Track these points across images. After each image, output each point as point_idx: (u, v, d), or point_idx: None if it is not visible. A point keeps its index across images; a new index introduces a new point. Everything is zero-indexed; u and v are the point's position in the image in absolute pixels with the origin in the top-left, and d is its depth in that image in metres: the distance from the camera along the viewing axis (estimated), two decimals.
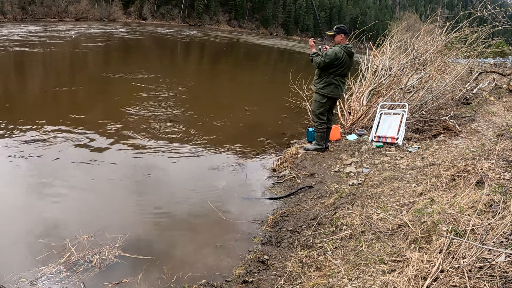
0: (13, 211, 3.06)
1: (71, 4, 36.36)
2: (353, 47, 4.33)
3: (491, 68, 11.51)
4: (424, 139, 4.92)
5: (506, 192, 2.17)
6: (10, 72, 9.57)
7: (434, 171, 3.21)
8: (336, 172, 3.99)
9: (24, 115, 5.45)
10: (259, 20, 65.50)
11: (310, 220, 3.01)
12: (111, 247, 2.60)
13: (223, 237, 2.91)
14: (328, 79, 4.28)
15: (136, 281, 2.31)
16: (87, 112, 5.99)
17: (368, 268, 2.03)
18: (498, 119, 5.68)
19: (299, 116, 6.92)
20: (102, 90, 8.01)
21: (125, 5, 46.03)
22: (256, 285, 2.26)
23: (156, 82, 8.90)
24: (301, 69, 9.64)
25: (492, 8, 4.03)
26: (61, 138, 4.66)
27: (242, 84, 11.91)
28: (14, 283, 2.22)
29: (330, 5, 73.02)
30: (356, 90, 6.39)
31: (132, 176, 3.89)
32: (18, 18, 29.37)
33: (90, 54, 14.35)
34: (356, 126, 5.65)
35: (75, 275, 2.33)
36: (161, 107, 6.65)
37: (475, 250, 1.69)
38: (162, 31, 33.75)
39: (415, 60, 5.94)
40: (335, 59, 4.14)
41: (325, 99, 4.37)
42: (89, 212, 3.12)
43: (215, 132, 5.68)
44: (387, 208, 2.72)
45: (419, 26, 13.75)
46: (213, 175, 4.14)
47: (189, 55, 20.80)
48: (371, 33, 6.95)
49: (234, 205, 3.48)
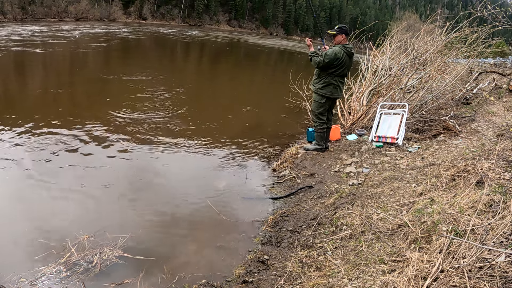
0: (13, 211, 3.06)
1: (71, 4, 36.36)
2: (353, 48, 4.33)
3: (491, 68, 11.51)
4: (424, 139, 4.92)
5: (506, 192, 2.17)
6: (9, 72, 9.57)
7: (434, 171, 3.21)
8: (336, 172, 3.99)
9: (25, 113, 5.45)
10: (259, 20, 65.49)
11: (310, 220, 3.01)
12: (112, 248, 2.61)
13: (223, 237, 2.91)
14: (328, 80, 4.27)
15: (136, 281, 2.32)
16: (87, 109, 5.99)
17: (368, 268, 2.03)
18: (498, 119, 5.68)
19: (299, 116, 6.92)
20: (107, 89, 8.01)
21: (125, 5, 46.02)
22: (256, 285, 2.27)
23: (159, 82, 8.90)
24: (301, 69, 9.64)
25: (492, 8, 4.03)
26: (61, 138, 4.66)
27: (242, 84, 11.91)
28: (14, 283, 2.22)
29: (330, 5, 73.01)
30: (356, 90, 6.39)
31: (132, 177, 3.89)
32: (18, 18, 29.37)
33: (93, 54, 14.36)
34: (356, 126, 5.65)
35: (75, 275, 2.33)
36: (162, 107, 6.65)
37: (475, 250, 1.70)
38: (164, 31, 33.81)
39: (415, 60, 5.94)
40: (335, 59, 4.13)
41: (324, 99, 4.36)
42: (90, 212, 3.12)
43: (215, 132, 5.68)
44: (387, 208, 2.72)
45: (419, 26, 13.75)
46: (213, 175, 4.14)
47: (192, 55, 20.81)
48: (371, 33, 6.95)
49: (234, 205, 3.48)
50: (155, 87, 8.20)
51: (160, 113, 6.26)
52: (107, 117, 5.68)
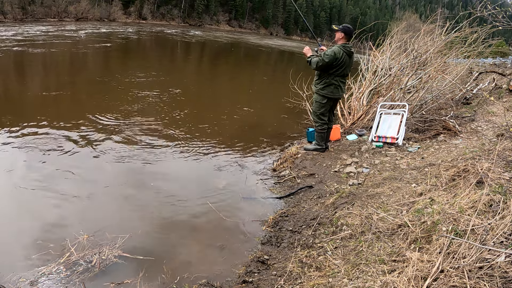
0: (12, 211, 3.06)
1: (71, 4, 36.34)
2: (352, 47, 4.32)
3: (491, 68, 11.51)
4: (424, 139, 4.92)
5: (506, 192, 2.17)
6: (10, 72, 9.56)
7: (434, 171, 3.21)
8: (336, 172, 3.99)
9: (24, 114, 5.45)
10: (259, 20, 65.47)
11: (310, 220, 3.01)
12: (111, 247, 2.60)
13: (223, 237, 2.91)
14: (328, 80, 4.26)
15: (136, 281, 2.31)
16: (88, 110, 5.98)
17: (368, 268, 2.03)
18: (498, 119, 5.68)
19: (299, 116, 6.92)
20: (112, 89, 8.01)
21: (125, 5, 46.00)
22: (256, 285, 2.27)
23: (161, 82, 8.90)
24: (301, 69, 9.64)
25: (492, 8, 4.03)
26: (60, 138, 4.66)
27: (242, 84, 11.91)
28: (14, 283, 2.22)
29: (330, 5, 73.01)
30: (356, 90, 6.39)
31: (132, 177, 3.89)
32: (18, 18, 29.33)
33: (99, 54, 14.35)
34: (356, 126, 5.65)
35: (75, 275, 2.33)
36: (162, 107, 6.65)
37: (475, 250, 1.69)
38: (168, 31, 33.91)
39: (415, 60, 5.94)
40: (334, 59, 4.11)
41: (325, 99, 4.35)
42: (89, 213, 3.12)
43: (215, 132, 5.68)
44: (387, 208, 2.72)
45: (419, 26, 13.74)
46: (213, 175, 4.13)
47: (195, 55, 20.82)
48: (371, 33, 6.95)
49: (234, 205, 3.48)
50: (156, 88, 8.21)
51: (160, 113, 6.26)
52: (107, 118, 5.68)
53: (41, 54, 12.32)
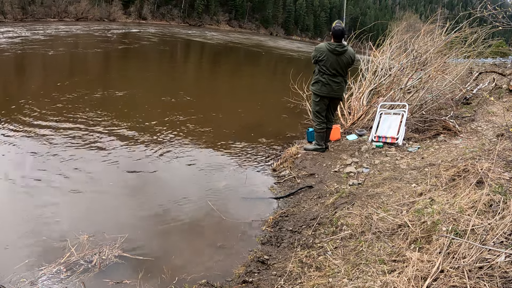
0: (12, 211, 3.06)
1: (71, 4, 36.32)
2: (344, 46, 4.19)
3: (491, 68, 11.50)
4: (424, 139, 4.92)
5: (506, 192, 2.17)
6: (10, 72, 9.56)
7: (434, 171, 3.21)
8: (336, 172, 3.99)
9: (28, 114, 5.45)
10: (259, 20, 65.40)
11: (310, 220, 3.01)
12: (111, 247, 2.61)
13: (223, 237, 2.91)
14: (317, 77, 4.37)
15: (136, 281, 2.31)
16: (89, 110, 5.98)
17: (368, 268, 2.03)
18: (498, 119, 5.68)
19: (299, 116, 6.91)
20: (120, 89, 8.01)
21: (125, 5, 45.97)
22: (256, 285, 2.26)
23: (164, 82, 8.90)
24: (301, 69, 9.64)
25: (492, 8, 4.03)
26: (59, 139, 4.66)
27: (242, 85, 11.91)
28: (14, 283, 2.22)
29: (330, 5, 73.00)
30: (356, 90, 6.39)
31: (132, 177, 3.89)
32: (18, 18, 29.32)
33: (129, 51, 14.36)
34: (356, 126, 5.65)
35: (75, 275, 2.33)
36: (164, 107, 6.65)
37: (475, 250, 1.70)
38: (183, 31, 34.12)
39: (415, 60, 5.94)
40: (315, 55, 4.29)
41: (318, 97, 4.40)
42: (89, 213, 3.12)
43: (215, 132, 5.68)
44: (387, 208, 2.72)
45: (419, 26, 13.75)
46: (213, 175, 4.14)
47: (222, 56, 20.91)
48: (371, 33, 6.95)
49: (234, 205, 3.48)
50: (160, 86, 8.21)
51: (161, 114, 6.26)
52: (107, 118, 5.68)
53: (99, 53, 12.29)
